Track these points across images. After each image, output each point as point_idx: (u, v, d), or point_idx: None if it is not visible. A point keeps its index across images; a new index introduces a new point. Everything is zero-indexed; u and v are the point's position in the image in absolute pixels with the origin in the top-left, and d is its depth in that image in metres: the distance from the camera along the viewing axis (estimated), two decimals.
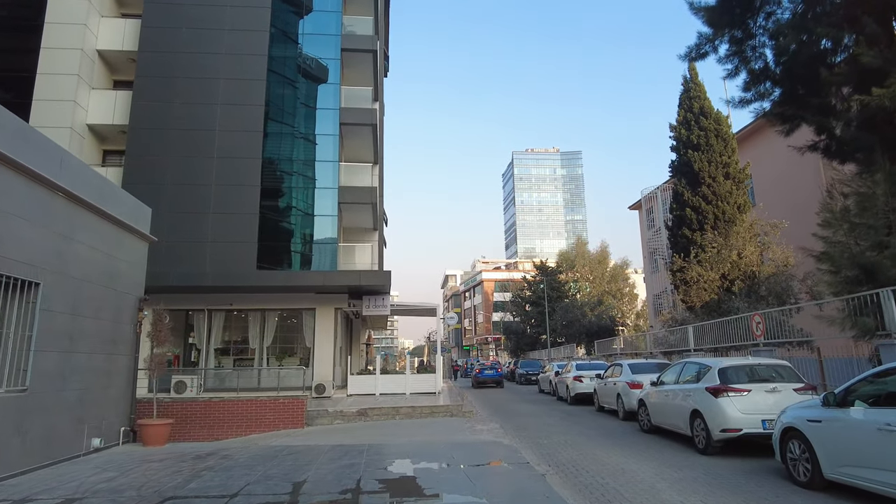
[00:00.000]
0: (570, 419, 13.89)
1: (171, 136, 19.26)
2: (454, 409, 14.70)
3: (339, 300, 19.98)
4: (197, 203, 18.84)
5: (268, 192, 19.30)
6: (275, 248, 19.07)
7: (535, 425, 12.71)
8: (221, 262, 18.45)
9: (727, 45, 14.88)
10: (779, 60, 13.91)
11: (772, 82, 14.13)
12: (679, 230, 23.30)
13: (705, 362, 9.09)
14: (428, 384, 19.93)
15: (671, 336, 19.15)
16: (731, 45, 14.76)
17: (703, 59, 15.42)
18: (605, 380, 15.08)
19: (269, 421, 14.08)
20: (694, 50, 15.24)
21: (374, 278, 18.41)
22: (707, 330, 16.18)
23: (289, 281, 18.34)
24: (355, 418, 14.44)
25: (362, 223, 22.45)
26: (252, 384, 19.58)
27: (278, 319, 20.37)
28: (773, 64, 14.12)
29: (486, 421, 13.56)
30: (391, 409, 14.60)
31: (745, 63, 14.80)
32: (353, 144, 22.00)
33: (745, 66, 14.76)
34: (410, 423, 13.65)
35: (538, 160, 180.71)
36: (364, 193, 19.50)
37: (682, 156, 23.86)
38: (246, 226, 18.82)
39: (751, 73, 14.43)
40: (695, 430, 8.58)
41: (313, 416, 14.45)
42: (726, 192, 22.45)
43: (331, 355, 19.64)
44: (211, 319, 19.91)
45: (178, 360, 19.83)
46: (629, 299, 60.51)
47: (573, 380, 18.20)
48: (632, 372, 13.44)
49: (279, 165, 19.74)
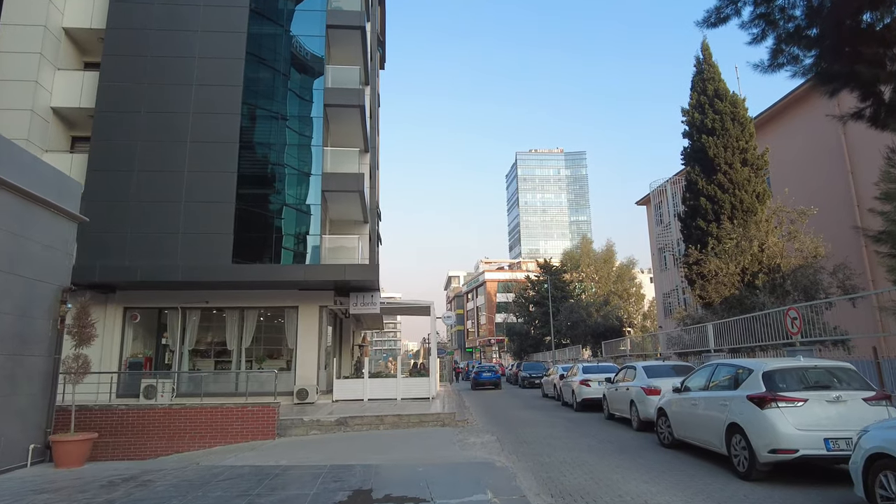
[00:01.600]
0: (577, 429, 12.21)
1: (140, 119, 17.72)
2: (446, 418, 13.05)
3: (323, 297, 18.39)
4: (168, 191, 17.28)
5: (245, 179, 17.72)
6: (252, 240, 17.47)
7: (537, 437, 11.03)
8: (194, 255, 16.87)
9: (752, 7, 13.25)
10: (812, 20, 12.26)
11: (804, 45, 12.48)
12: (693, 221, 21.58)
13: (744, 364, 7.40)
14: (421, 389, 18.30)
15: (687, 335, 17.44)
16: (757, 7, 13.12)
17: (724, 24, 13.82)
18: (617, 384, 13.41)
19: (236, 431, 12.45)
20: (714, 14, 13.55)
21: (361, 273, 16.79)
22: (729, 328, 14.48)
23: (267, 275, 16.75)
24: (333, 428, 12.80)
25: (351, 215, 20.84)
26: (229, 389, 18.01)
27: (258, 318, 18.78)
28: (805, 23, 12.49)
29: (480, 432, 11.90)
30: (375, 417, 12.96)
31: (773, 26, 13.16)
32: (340, 130, 20.41)
33: (773, 30, 13.12)
34: (395, 434, 12.00)
35: (542, 161, 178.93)
36: (350, 180, 17.89)
37: (695, 141, 22.15)
38: (221, 216, 17.25)
39: (779, 38, 12.79)
40: (733, 448, 6.89)
41: (286, 425, 12.81)
42: (744, 180, 20.73)
43: (315, 357, 18.03)
44: (185, 318, 18.35)
45: (150, 363, 18.26)
46: (636, 300, 58.82)
47: (579, 384, 16.52)
48: (647, 375, 11.76)
49: (258, 150, 18.16)
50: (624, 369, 13.31)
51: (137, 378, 17.31)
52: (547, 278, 48.18)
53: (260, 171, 17.97)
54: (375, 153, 28.11)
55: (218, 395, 17.43)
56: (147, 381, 17.01)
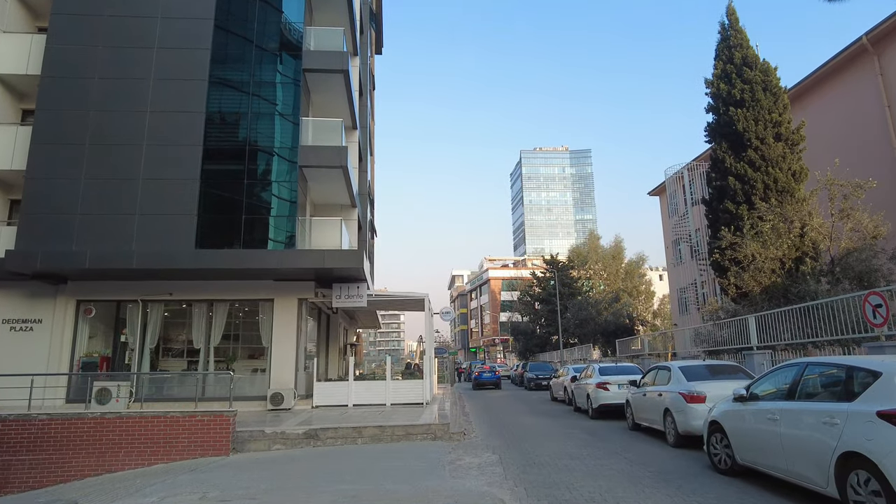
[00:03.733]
0: (599, 444, 9.94)
1: (93, 86, 15.55)
2: (438, 430, 10.79)
3: (303, 289, 16.18)
4: (124, 167, 15.11)
5: (212, 153, 15.53)
6: (219, 223, 15.27)
7: (550, 456, 8.76)
8: (152, 240, 14.70)
9: None
10: None
11: None
12: (720, 204, 19.25)
13: (859, 363, 5.10)
14: (414, 393, 16.07)
15: (719, 331, 15.11)
16: None
17: None
18: (644, 389, 11.12)
19: (183, 445, 10.26)
20: None
21: (343, 259, 14.55)
22: (776, 321, 12.18)
23: (236, 262, 14.54)
24: (301, 442, 10.57)
25: (336, 198, 18.60)
26: (195, 393, 15.79)
27: (229, 313, 16.57)
28: None
29: (479, 448, 9.64)
30: (352, 429, 10.71)
31: None
32: (323, 101, 18.20)
33: None
34: (374, 451, 9.76)
35: (547, 159, 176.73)
36: (332, 154, 15.65)
37: (721, 115, 19.83)
38: (183, 194, 15.07)
39: None
40: (854, 490, 4.59)
41: (244, 438, 10.60)
42: (778, 157, 18.41)
43: (292, 357, 15.82)
44: (146, 313, 16.17)
45: (107, 363, 16.07)
46: (645, 297, 56.49)
47: (596, 387, 14.24)
48: (687, 378, 9.46)
49: (227, 121, 15.96)
50: (654, 371, 11.02)
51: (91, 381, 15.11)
52: (554, 274, 45.83)
53: (229, 145, 15.76)
54: (368, 135, 25.90)
55: (184, 399, 15.26)
56: (100, 383, 14.75)
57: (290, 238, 15.09)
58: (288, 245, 15.05)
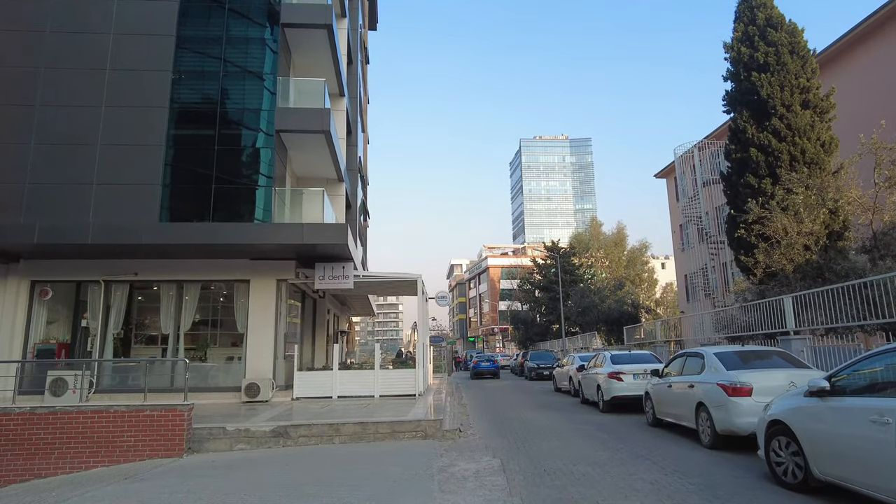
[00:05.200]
0: (619, 444, 8.42)
1: (45, 40, 13.88)
2: (430, 427, 9.24)
3: (282, 269, 14.60)
4: (79, 131, 13.49)
5: (180, 116, 13.90)
6: (187, 193, 13.67)
7: (563, 461, 7.23)
8: (111, 212, 13.11)
9: None
10: None
11: None
12: (741, 178, 17.61)
13: None
14: (405, 383, 14.55)
15: (743, 315, 13.57)
16: None
17: None
18: (668, 379, 9.58)
19: (129, 445, 8.71)
20: None
21: (325, 234, 12.95)
22: (816, 302, 10.64)
23: (205, 237, 12.92)
24: (268, 441, 9.03)
25: (321, 170, 16.95)
26: (164, 383, 14.30)
27: (201, 295, 15.01)
28: None
29: (477, 450, 8.10)
30: (328, 427, 9.16)
31: None
32: (305, 62, 16.51)
33: None
34: (351, 453, 8.22)
35: (546, 147, 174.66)
36: (313, 117, 14.00)
37: (742, 81, 18.12)
38: (147, 162, 13.45)
39: None
40: None
41: (203, 436, 9.05)
42: (805, 126, 16.75)
43: (270, 344, 14.27)
44: (109, 294, 14.58)
45: (65, 350, 14.50)
46: (648, 285, 55.07)
47: (608, 377, 12.72)
48: (726, 366, 7.90)
49: (197, 81, 14.27)
50: (681, 358, 9.45)
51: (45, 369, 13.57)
52: (556, 257, 44.28)
53: (199, 108, 14.09)
54: (360, 110, 24.18)
55: (153, 390, 13.70)
56: (56, 373, 13.24)
57: (267, 211, 13.47)
58: (264, 219, 13.44)
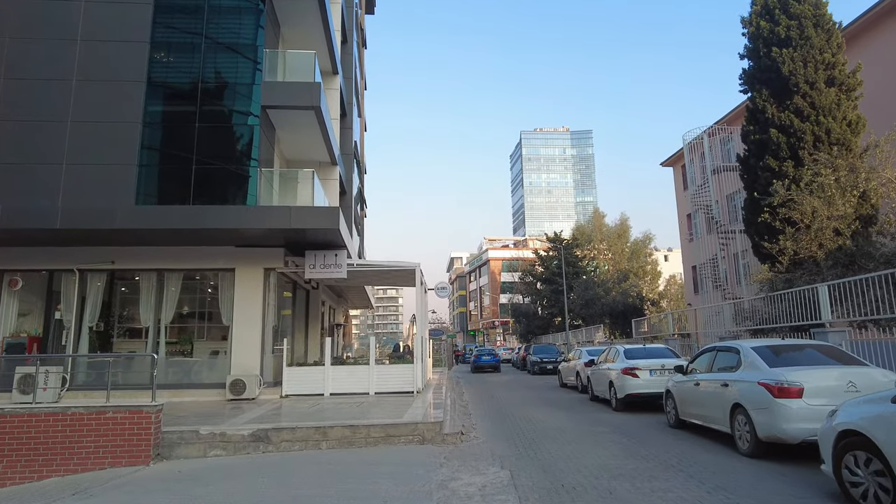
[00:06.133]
0: (642, 450, 7.43)
1: (9, 7, 12.79)
2: (428, 430, 8.23)
3: (270, 257, 13.58)
4: (48, 106, 12.42)
5: (158, 91, 12.82)
6: (165, 174, 12.62)
7: (582, 471, 6.24)
8: (82, 195, 12.05)
9: None
10: None
11: None
12: (759, 161, 16.56)
13: None
14: (403, 379, 13.57)
15: (766, 306, 12.54)
16: None
17: None
18: (695, 376, 8.57)
19: (88, 452, 7.71)
20: None
21: (314, 218, 11.91)
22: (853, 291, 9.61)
23: (184, 221, 11.87)
24: (247, 447, 8.02)
25: (311, 152, 15.87)
26: (141, 380, 13.25)
27: (184, 286, 13.99)
28: None
29: (481, 457, 7.10)
30: (314, 430, 8.15)
31: None
32: (294, 35, 15.41)
33: None
34: (338, 461, 7.21)
35: (547, 140, 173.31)
36: (302, 92, 12.93)
37: (761, 58, 17.02)
38: (122, 140, 12.38)
39: None
40: None
41: (173, 441, 8.05)
42: (831, 104, 15.68)
43: (257, 337, 13.28)
44: (85, 285, 13.58)
45: (37, 345, 13.49)
46: (651, 278, 54.12)
47: (622, 373, 11.71)
48: (768, 362, 6.88)
49: (177, 53, 13.19)
50: (710, 353, 8.41)
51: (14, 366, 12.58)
52: (559, 251, 43.25)
53: (178, 80, 13.02)
54: (356, 93, 23.05)
55: (129, 387, 12.73)
56: (24, 369, 12.28)
57: (252, 194, 12.40)
58: (248, 202, 12.38)
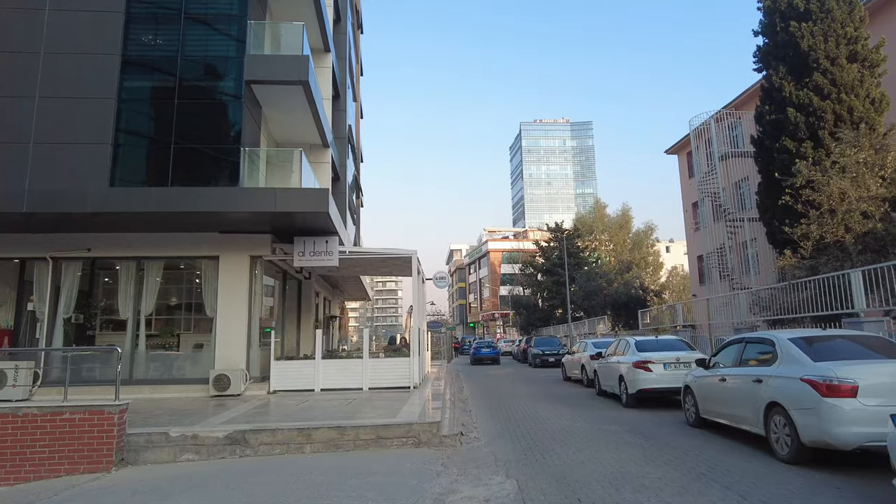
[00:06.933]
0: (665, 454, 6.61)
1: None
2: (424, 432, 7.39)
3: (256, 244, 12.72)
4: (12, 80, 11.51)
5: (133, 65, 11.91)
6: (142, 154, 11.75)
7: (599, 480, 5.42)
8: (51, 176, 11.17)
9: None
10: None
11: None
12: (776, 142, 15.67)
13: None
14: (399, 373, 12.75)
15: (786, 295, 11.68)
16: None
17: None
18: (717, 371, 7.72)
19: (42, 458, 6.87)
20: None
21: (301, 200, 11.02)
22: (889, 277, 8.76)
23: (162, 204, 10.97)
24: (222, 450, 7.19)
25: (301, 133, 14.95)
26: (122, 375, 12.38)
27: (165, 274, 13.14)
28: None
29: (484, 463, 6.27)
30: (297, 432, 7.30)
31: None
32: (282, 7, 14.44)
33: None
34: (321, 469, 6.38)
35: (547, 131, 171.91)
36: (288, 65, 12.02)
37: (778, 34, 16.10)
38: (96, 118, 11.49)
39: None
40: None
41: (140, 444, 7.22)
42: (853, 81, 14.78)
43: (243, 330, 12.43)
44: (59, 274, 12.71)
45: (8, 338, 12.65)
46: (653, 269, 53.41)
47: (634, 367, 10.88)
48: (812, 357, 6.03)
49: (153, 24, 12.26)
50: (738, 345, 7.55)
51: None
52: (561, 241, 42.40)
53: (155, 54, 12.10)
54: (351, 75, 22.10)
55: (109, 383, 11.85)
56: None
57: (234, 175, 11.52)
58: (231, 183, 11.49)
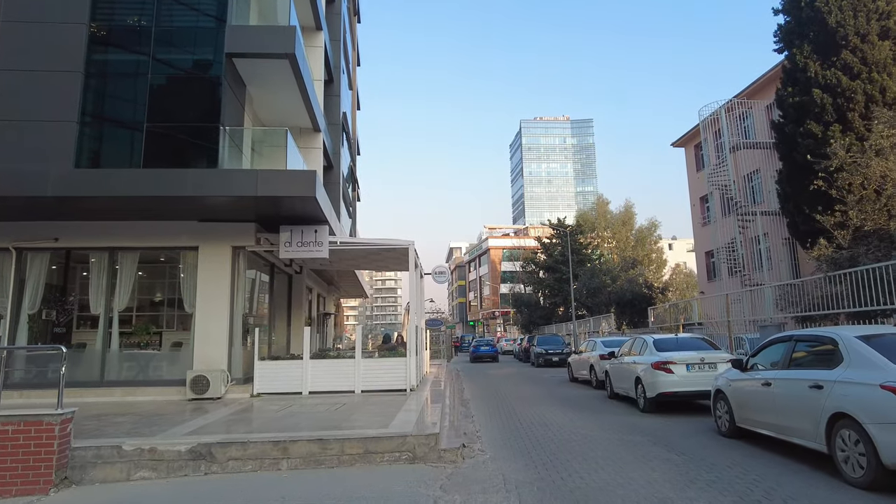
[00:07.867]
0: (706, 473, 5.59)
1: None
2: (420, 446, 6.34)
3: (239, 233, 11.65)
4: None
5: (102, 36, 10.84)
6: (111, 134, 10.70)
7: None
8: (9, 156, 10.10)
9: None
10: None
11: None
12: (799, 126, 14.61)
13: None
14: (394, 375, 11.70)
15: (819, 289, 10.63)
16: None
17: None
18: (756, 375, 6.66)
19: None
20: None
21: (286, 183, 9.96)
22: None
23: (133, 188, 9.88)
24: (183, 466, 6.13)
25: (290, 115, 13.87)
26: (93, 376, 11.40)
27: (140, 267, 12.07)
28: None
29: (490, 486, 5.22)
30: (271, 445, 6.24)
31: None
32: None
33: None
34: (295, 493, 5.33)
35: (547, 129, 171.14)
36: (273, 37, 10.95)
37: (803, 9, 15.02)
38: (60, 93, 10.42)
39: None
40: None
41: (87, 460, 6.16)
42: (886, 59, 13.71)
43: (224, 327, 11.37)
44: (24, 265, 11.64)
45: None
46: (657, 266, 52.46)
47: (653, 369, 9.83)
48: (891, 358, 4.98)
49: None
50: (785, 344, 6.47)
51: None
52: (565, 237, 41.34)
53: (126, 24, 11.03)
54: (344, 57, 21.00)
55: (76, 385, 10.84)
56: None
57: (212, 156, 10.45)
58: (209, 166, 10.43)
